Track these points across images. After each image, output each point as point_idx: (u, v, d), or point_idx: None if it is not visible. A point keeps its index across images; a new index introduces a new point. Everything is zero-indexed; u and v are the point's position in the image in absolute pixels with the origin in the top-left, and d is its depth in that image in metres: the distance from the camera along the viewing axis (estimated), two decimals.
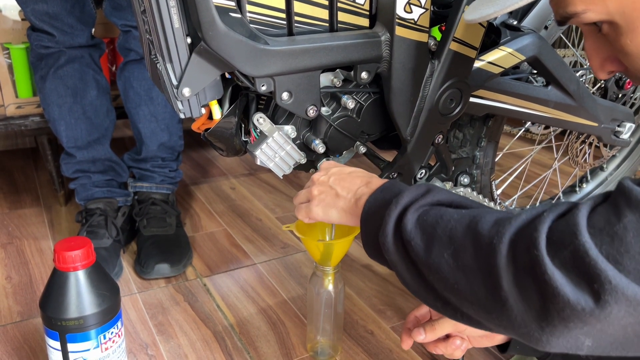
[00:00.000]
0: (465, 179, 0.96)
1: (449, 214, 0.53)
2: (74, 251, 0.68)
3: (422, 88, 0.76)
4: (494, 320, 0.47)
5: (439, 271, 0.51)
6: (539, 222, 0.45)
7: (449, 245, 0.50)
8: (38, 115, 1.31)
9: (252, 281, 1.14)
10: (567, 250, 0.42)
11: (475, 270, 0.48)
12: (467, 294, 0.49)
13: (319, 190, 0.68)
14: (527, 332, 0.45)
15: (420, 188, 0.58)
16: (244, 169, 1.74)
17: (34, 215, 1.38)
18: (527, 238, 0.45)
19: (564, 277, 0.42)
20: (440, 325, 0.75)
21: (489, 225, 0.49)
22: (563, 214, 0.46)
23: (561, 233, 0.44)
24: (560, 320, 0.42)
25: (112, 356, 0.73)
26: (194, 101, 0.68)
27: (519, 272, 0.45)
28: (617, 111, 1.04)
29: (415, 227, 0.54)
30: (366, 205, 0.60)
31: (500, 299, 0.46)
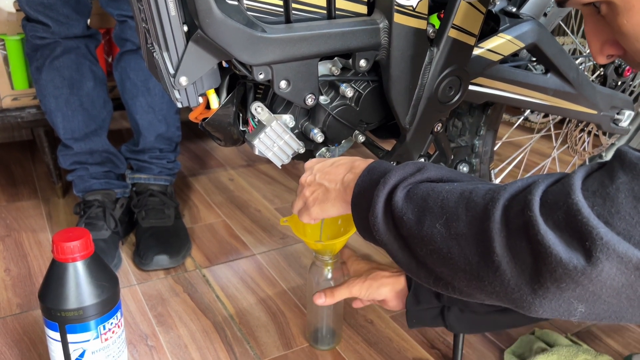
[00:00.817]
0: (464, 167, 0.96)
1: (439, 187, 0.53)
2: (72, 242, 0.68)
3: (421, 76, 0.75)
4: (487, 287, 0.47)
5: (432, 242, 0.51)
6: (534, 186, 0.46)
7: (441, 215, 0.50)
8: (34, 107, 1.30)
9: (251, 272, 1.14)
10: (560, 211, 0.43)
11: (468, 237, 0.48)
12: (459, 262, 0.49)
13: (310, 191, 0.69)
14: (520, 297, 0.45)
15: (408, 166, 0.58)
16: (242, 160, 1.73)
17: (32, 208, 1.37)
18: (521, 201, 0.45)
19: (556, 237, 0.42)
20: (338, 291, 0.83)
21: (482, 193, 0.49)
22: (558, 180, 0.46)
23: (555, 195, 0.44)
24: (552, 281, 0.42)
25: (112, 347, 0.73)
26: (191, 90, 0.67)
27: (512, 235, 0.45)
28: (617, 99, 1.04)
29: (405, 202, 0.54)
30: (355, 189, 0.61)
31: (493, 263, 0.46)
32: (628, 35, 0.49)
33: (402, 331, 0.97)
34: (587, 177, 0.45)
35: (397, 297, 0.83)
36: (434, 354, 0.91)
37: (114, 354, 0.74)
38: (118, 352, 0.74)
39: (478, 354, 0.91)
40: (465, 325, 0.80)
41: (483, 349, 0.92)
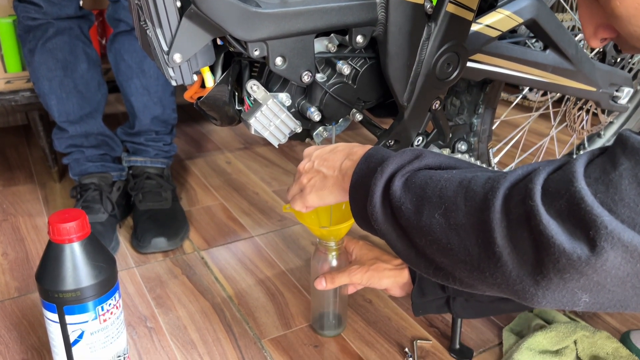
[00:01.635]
0: (462, 145, 0.95)
1: (438, 174, 0.52)
2: (68, 223, 0.67)
3: (419, 52, 0.74)
4: (488, 279, 0.46)
5: (431, 233, 0.50)
6: (535, 174, 0.44)
7: (439, 205, 0.49)
8: (28, 90, 1.29)
9: (250, 254, 1.14)
10: (562, 199, 0.41)
11: (468, 228, 0.47)
12: (460, 253, 0.48)
13: (308, 178, 0.68)
14: (522, 289, 0.44)
15: (406, 154, 0.56)
16: (239, 142, 1.72)
17: (28, 192, 1.36)
18: (522, 190, 0.44)
19: (559, 226, 0.41)
20: (338, 277, 0.83)
21: (482, 182, 0.48)
22: (559, 167, 0.45)
23: (557, 183, 0.43)
24: (555, 272, 0.41)
25: (111, 327, 0.73)
26: (186, 68, 0.66)
27: (513, 225, 0.44)
28: (616, 75, 1.03)
29: (403, 192, 0.53)
30: (353, 178, 0.60)
31: (494, 255, 0.45)
32: (621, 17, 0.48)
33: (401, 310, 0.97)
34: (589, 163, 0.43)
35: (400, 288, 0.84)
36: (432, 332, 0.92)
37: (113, 335, 0.74)
38: (117, 333, 0.74)
39: (477, 331, 0.92)
40: (471, 312, 0.81)
41: (482, 326, 0.93)
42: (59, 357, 0.73)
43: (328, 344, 0.88)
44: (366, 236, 1.20)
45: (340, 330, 0.91)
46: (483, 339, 0.90)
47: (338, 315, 0.90)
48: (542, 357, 0.82)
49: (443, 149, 0.90)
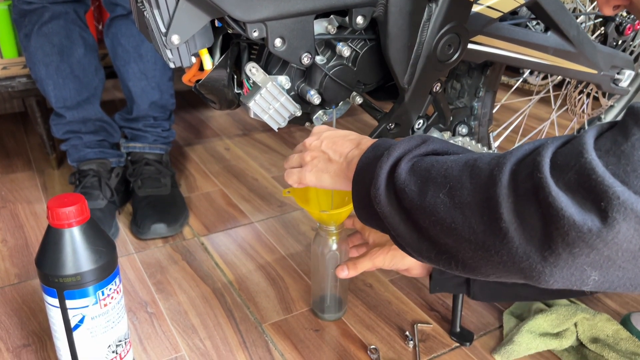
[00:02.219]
0: (463, 129, 0.95)
1: (444, 158, 0.52)
2: (67, 207, 0.67)
3: (420, 33, 0.73)
4: (493, 257, 0.45)
5: (434, 213, 0.49)
6: (543, 148, 0.44)
7: (444, 185, 0.49)
8: (25, 76, 1.28)
9: (250, 239, 1.13)
10: (572, 171, 0.40)
11: (473, 206, 0.46)
12: (464, 232, 0.47)
13: (312, 156, 0.67)
14: (529, 266, 0.43)
15: (413, 140, 0.56)
16: (238, 129, 1.72)
17: (27, 179, 1.36)
18: (529, 164, 0.43)
19: (568, 198, 0.40)
20: (360, 263, 0.82)
21: (487, 159, 0.47)
22: (568, 141, 0.44)
23: (566, 156, 0.42)
24: (564, 246, 0.40)
25: (112, 312, 0.73)
26: (184, 49, 0.66)
27: (521, 199, 0.43)
28: (617, 58, 1.02)
29: (408, 175, 0.52)
30: (358, 165, 0.59)
31: (500, 231, 0.44)
32: None
33: (401, 294, 0.97)
34: (598, 136, 0.42)
35: (422, 267, 0.82)
36: (433, 316, 0.92)
37: (114, 319, 0.73)
38: (118, 317, 0.74)
39: (477, 315, 0.92)
40: (488, 294, 0.80)
41: (482, 310, 0.93)
42: (60, 342, 0.73)
43: (329, 327, 0.89)
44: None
45: (341, 314, 0.91)
46: (483, 322, 0.90)
47: (339, 298, 0.90)
48: (542, 339, 0.83)
49: (444, 132, 0.89)
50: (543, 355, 0.83)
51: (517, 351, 0.82)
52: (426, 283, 0.99)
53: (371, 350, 0.84)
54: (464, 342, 0.85)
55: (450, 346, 0.85)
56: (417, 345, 0.85)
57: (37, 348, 0.84)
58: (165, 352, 0.83)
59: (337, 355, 0.83)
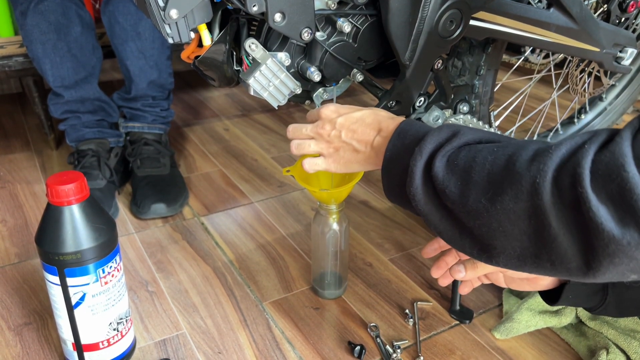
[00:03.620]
0: (464, 107, 0.94)
1: (482, 155, 0.51)
2: (67, 185, 0.66)
3: (421, 8, 0.72)
4: (543, 257, 0.47)
5: (479, 217, 0.49)
6: (582, 156, 0.44)
7: (486, 189, 0.49)
8: (21, 55, 1.26)
9: (250, 219, 1.13)
10: (613, 184, 0.41)
11: (520, 212, 0.47)
12: (512, 235, 0.48)
13: (335, 147, 0.67)
14: (576, 267, 0.45)
15: (443, 131, 0.55)
16: (237, 109, 1.71)
17: (25, 160, 1.35)
18: (570, 174, 0.44)
19: (609, 212, 0.42)
20: (482, 264, 0.71)
21: (527, 163, 0.47)
22: (604, 144, 0.44)
23: (606, 166, 0.42)
24: (605, 256, 0.43)
25: (113, 290, 0.73)
26: (182, 24, 0.65)
27: (566, 208, 0.44)
28: (620, 35, 1.01)
29: (446, 174, 0.52)
30: (386, 154, 0.59)
31: (549, 236, 0.45)
32: None
33: (401, 273, 0.97)
34: (634, 139, 0.43)
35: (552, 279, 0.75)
36: (432, 294, 0.92)
37: (115, 297, 0.74)
38: (118, 295, 0.74)
39: (477, 293, 0.92)
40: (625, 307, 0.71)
41: (482, 288, 0.93)
42: (62, 320, 0.73)
43: (329, 305, 0.89)
44: (366, 202, 1.20)
45: (341, 291, 0.91)
46: (483, 300, 0.91)
47: (339, 275, 0.90)
48: (541, 317, 0.83)
49: (445, 110, 0.88)
50: (542, 333, 0.84)
51: (517, 329, 0.82)
52: (426, 262, 1.00)
53: (371, 327, 0.84)
54: (464, 320, 0.86)
55: (450, 324, 0.86)
56: (417, 323, 0.85)
57: (38, 326, 0.84)
58: (166, 330, 0.84)
59: (337, 332, 0.83)
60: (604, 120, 1.36)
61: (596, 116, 1.36)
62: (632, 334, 0.79)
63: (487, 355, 0.80)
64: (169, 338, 0.82)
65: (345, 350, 0.80)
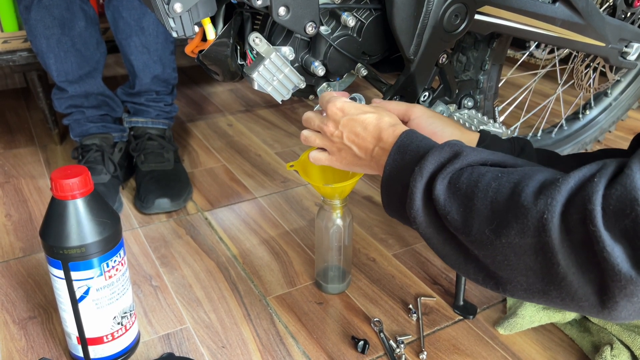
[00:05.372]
0: (469, 102, 0.94)
1: (485, 180, 0.48)
2: (71, 179, 0.67)
3: (426, 2, 0.72)
4: (551, 293, 0.45)
5: (484, 247, 0.47)
6: (592, 190, 0.41)
7: (490, 220, 0.46)
8: (26, 50, 1.26)
9: (253, 214, 1.13)
10: (628, 220, 0.39)
11: (526, 248, 0.44)
12: (518, 269, 0.46)
13: (338, 148, 0.67)
14: (589, 305, 0.43)
15: (444, 150, 0.52)
16: (240, 105, 1.71)
17: (30, 155, 1.36)
18: (580, 210, 0.41)
19: (623, 252, 0.39)
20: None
21: (533, 197, 0.44)
22: (614, 175, 0.42)
23: (619, 200, 0.40)
24: (622, 296, 0.40)
25: (117, 284, 0.73)
26: (187, 18, 0.65)
27: (576, 248, 0.42)
28: (626, 30, 1.00)
29: (448, 198, 0.49)
30: (386, 170, 0.57)
31: (557, 275, 0.43)
32: None
33: (405, 268, 0.97)
34: None
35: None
36: (436, 289, 0.92)
37: (119, 291, 0.74)
38: (123, 289, 0.74)
39: (480, 288, 0.92)
40: None
41: None
42: (66, 314, 0.73)
43: (332, 300, 0.89)
44: (370, 197, 1.20)
45: (345, 285, 0.91)
46: (487, 295, 0.91)
47: (342, 269, 0.90)
48: (545, 312, 0.83)
49: (449, 105, 0.88)
50: (546, 329, 0.84)
51: (521, 324, 0.82)
52: (430, 258, 0.99)
53: (375, 323, 0.84)
54: (467, 316, 0.86)
55: (454, 319, 0.86)
56: (421, 319, 0.85)
57: (43, 320, 0.84)
58: (170, 324, 0.84)
59: (341, 327, 0.83)
60: (609, 116, 1.36)
61: (601, 112, 1.36)
62: (636, 330, 0.78)
63: (491, 351, 0.80)
64: (173, 332, 0.83)
65: (348, 345, 0.80)
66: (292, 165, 0.82)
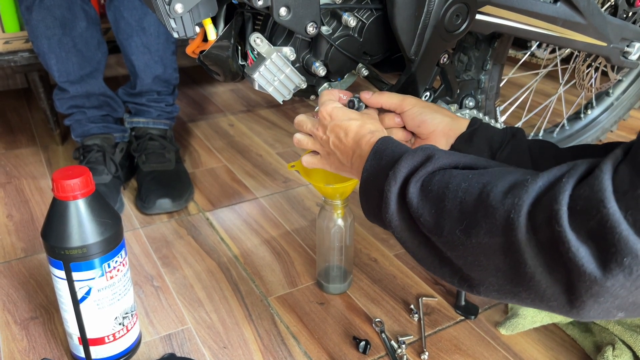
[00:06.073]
0: (470, 102, 0.94)
1: (455, 182, 0.49)
2: (72, 180, 0.67)
3: (427, 2, 0.72)
4: (521, 293, 0.45)
5: (455, 248, 0.48)
6: (559, 190, 0.41)
7: (460, 221, 0.47)
8: (27, 50, 1.27)
9: (254, 214, 1.13)
10: (593, 221, 0.39)
11: (495, 247, 0.44)
12: (489, 268, 0.46)
13: (326, 152, 0.68)
14: (558, 305, 0.43)
15: (417, 154, 0.53)
16: (242, 105, 1.71)
17: (31, 155, 1.36)
18: (547, 210, 0.41)
19: (589, 252, 0.39)
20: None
21: (501, 196, 0.44)
22: (584, 176, 0.41)
23: (585, 201, 0.39)
24: (589, 296, 0.40)
25: (118, 285, 0.73)
26: (188, 19, 0.64)
27: (543, 247, 0.41)
28: (627, 30, 1.00)
29: (421, 200, 0.50)
30: (363, 175, 0.58)
31: (526, 274, 0.43)
32: None
33: (406, 268, 0.97)
34: (615, 172, 0.40)
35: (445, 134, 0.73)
36: (437, 289, 0.92)
37: (120, 292, 0.74)
38: (124, 290, 0.75)
39: None
40: None
41: None
42: (68, 314, 0.73)
43: (334, 301, 0.89)
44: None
45: (346, 285, 0.91)
46: None
47: (344, 269, 0.90)
48: (547, 312, 0.83)
49: (451, 105, 0.88)
50: (548, 329, 0.84)
51: (522, 324, 0.82)
52: None
53: (376, 323, 0.84)
54: (469, 316, 0.86)
55: (455, 319, 0.85)
56: (422, 319, 0.85)
57: (44, 320, 0.84)
58: (171, 325, 0.84)
59: (343, 328, 0.83)
60: (610, 116, 1.36)
61: (603, 111, 1.36)
62: (638, 330, 0.78)
63: (492, 351, 0.80)
64: (174, 333, 0.83)
65: (350, 346, 0.80)
66: (294, 166, 0.83)
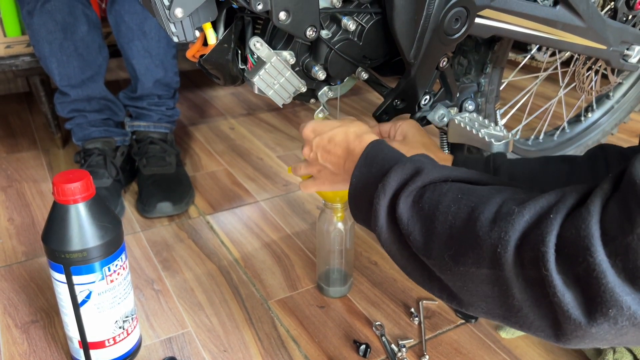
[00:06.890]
0: (470, 105, 0.94)
1: (445, 202, 0.48)
2: (73, 183, 0.67)
3: (427, 6, 0.72)
4: (511, 319, 0.45)
5: (444, 271, 0.48)
6: (546, 230, 0.40)
7: (449, 247, 0.46)
8: (28, 54, 1.27)
9: (255, 218, 1.13)
10: (580, 268, 0.38)
11: (482, 277, 0.44)
12: (478, 294, 0.46)
13: (317, 169, 0.69)
14: (546, 336, 0.43)
15: (407, 167, 0.53)
16: (242, 108, 1.71)
17: (32, 159, 1.36)
18: (534, 250, 0.41)
19: (574, 298, 0.39)
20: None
21: (488, 225, 0.44)
22: (572, 210, 0.41)
23: (572, 246, 0.39)
24: (574, 337, 0.41)
25: (118, 288, 0.73)
26: (188, 23, 0.65)
27: (530, 284, 0.41)
28: (627, 33, 1.00)
29: (411, 217, 0.50)
30: (352, 182, 0.58)
31: (514, 306, 0.43)
32: None
33: None
34: (603, 212, 0.39)
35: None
36: None
37: (121, 295, 0.74)
38: (124, 294, 0.75)
39: None
40: None
41: None
42: (68, 318, 0.73)
43: (334, 304, 0.89)
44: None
45: (346, 288, 0.91)
46: None
47: (344, 272, 0.90)
48: None
49: (450, 108, 0.88)
50: None
51: None
52: None
53: (376, 326, 0.84)
54: (469, 319, 0.86)
55: (456, 323, 0.85)
56: (423, 322, 0.85)
57: (45, 324, 0.85)
58: (172, 328, 0.84)
59: (343, 331, 0.83)
60: (611, 119, 1.36)
61: (603, 114, 1.36)
62: None
63: (493, 354, 0.80)
64: (175, 336, 0.83)
65: (350, 349, 0.80)
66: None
